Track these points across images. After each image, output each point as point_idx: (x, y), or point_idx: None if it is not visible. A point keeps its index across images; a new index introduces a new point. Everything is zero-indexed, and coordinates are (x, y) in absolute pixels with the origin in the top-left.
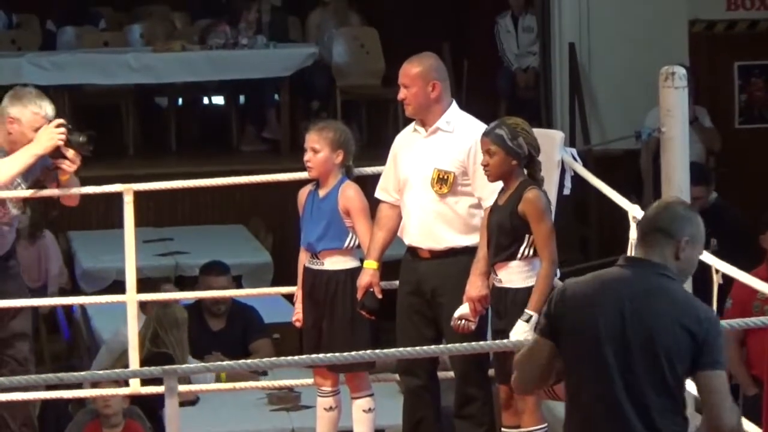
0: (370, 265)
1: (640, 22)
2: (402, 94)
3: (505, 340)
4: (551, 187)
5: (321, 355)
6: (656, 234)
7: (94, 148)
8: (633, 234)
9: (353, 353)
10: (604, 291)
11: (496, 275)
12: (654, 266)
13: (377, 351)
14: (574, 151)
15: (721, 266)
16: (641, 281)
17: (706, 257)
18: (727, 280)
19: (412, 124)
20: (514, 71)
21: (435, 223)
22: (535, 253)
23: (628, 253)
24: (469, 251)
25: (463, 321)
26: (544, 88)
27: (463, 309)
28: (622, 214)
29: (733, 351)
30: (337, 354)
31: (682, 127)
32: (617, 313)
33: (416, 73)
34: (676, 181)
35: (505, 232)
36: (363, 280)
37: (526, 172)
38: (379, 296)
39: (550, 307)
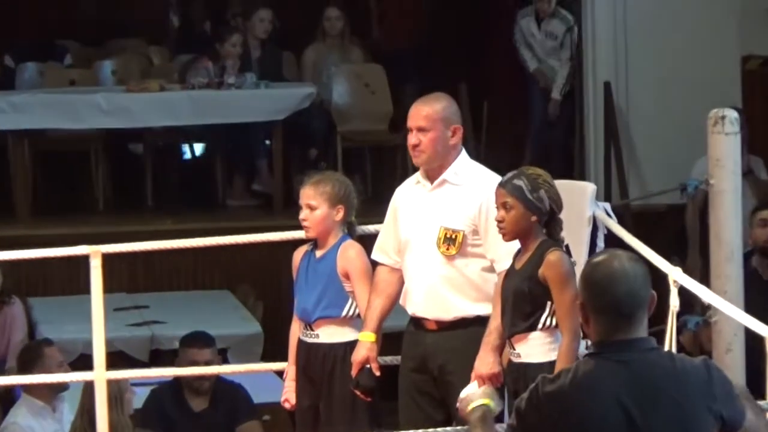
0: (367, 337)
1: (685, 58)
2: (415, 139)
3: None
4: (581, 247)
5: None
6: (636, 306)
7: None
8: (674, 299)
9: None
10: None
11: (514, 349)
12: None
13: None
14: (607, 205)
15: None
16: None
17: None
18: None
19: (415, 176)
20: (546, 93)
21: (442, 290)
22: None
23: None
24: (482, 321)
25: None
26: (578, 133)
27: (471, 389)
28: (662, 277)
29: None
30: None
31: (733, 179)
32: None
33: (436, 114)
34: (727, 241)
35: (524, 300)
36: (358, 354)
37: (544, 231)
38: (377, 374)
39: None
